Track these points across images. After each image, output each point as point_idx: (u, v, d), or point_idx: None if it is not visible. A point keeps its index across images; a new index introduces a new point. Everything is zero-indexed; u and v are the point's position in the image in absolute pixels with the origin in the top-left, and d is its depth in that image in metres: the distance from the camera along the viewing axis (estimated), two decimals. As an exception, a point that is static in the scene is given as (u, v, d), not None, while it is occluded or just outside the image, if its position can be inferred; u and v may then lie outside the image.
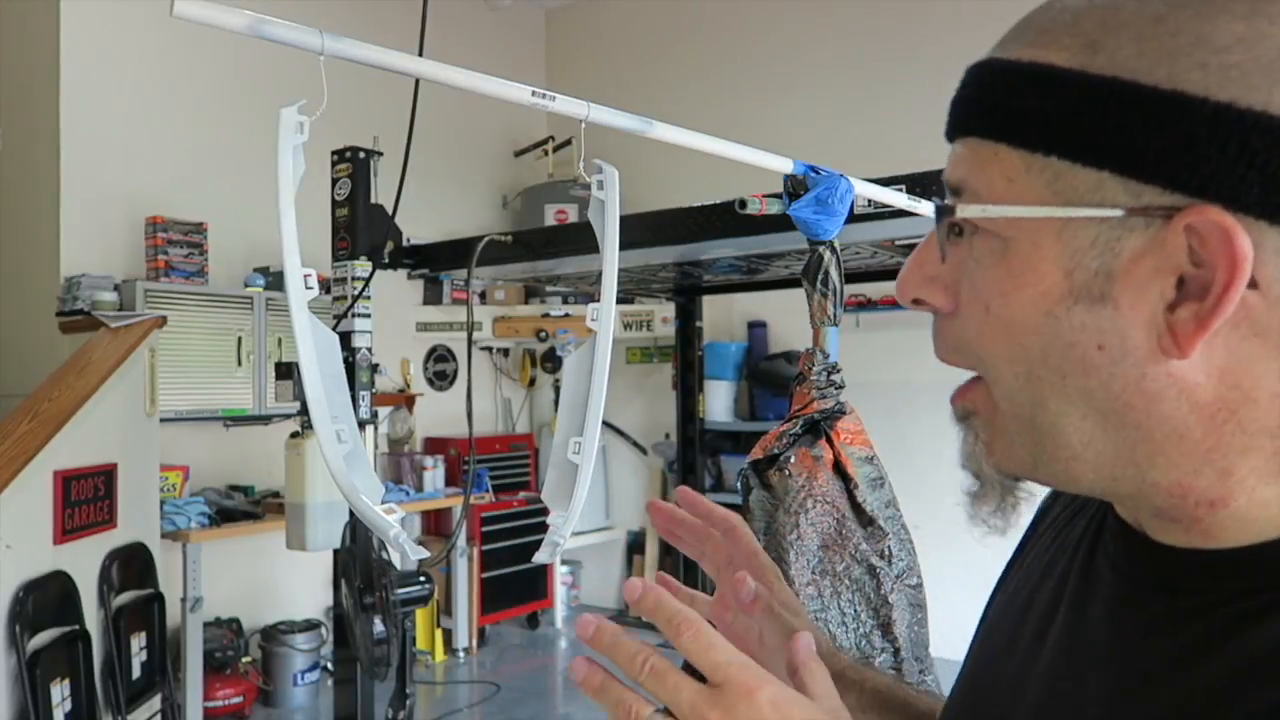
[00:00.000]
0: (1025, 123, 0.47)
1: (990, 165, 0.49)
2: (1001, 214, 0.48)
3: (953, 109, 0.52)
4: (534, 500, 5.66)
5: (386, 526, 1.20)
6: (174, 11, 1.11)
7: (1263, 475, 0.47)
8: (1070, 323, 0.47)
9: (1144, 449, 0.48)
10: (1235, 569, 0.48)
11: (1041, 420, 0.50)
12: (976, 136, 0.50)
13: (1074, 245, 0.46)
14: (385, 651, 2.47)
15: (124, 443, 3.41)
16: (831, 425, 1.84)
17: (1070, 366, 0.48)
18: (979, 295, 0.50)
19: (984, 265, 0.50)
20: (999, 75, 0.49)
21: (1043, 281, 0.47)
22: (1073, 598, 0.57)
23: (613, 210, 1.43)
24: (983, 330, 0.50)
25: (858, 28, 5.41)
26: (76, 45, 4.37)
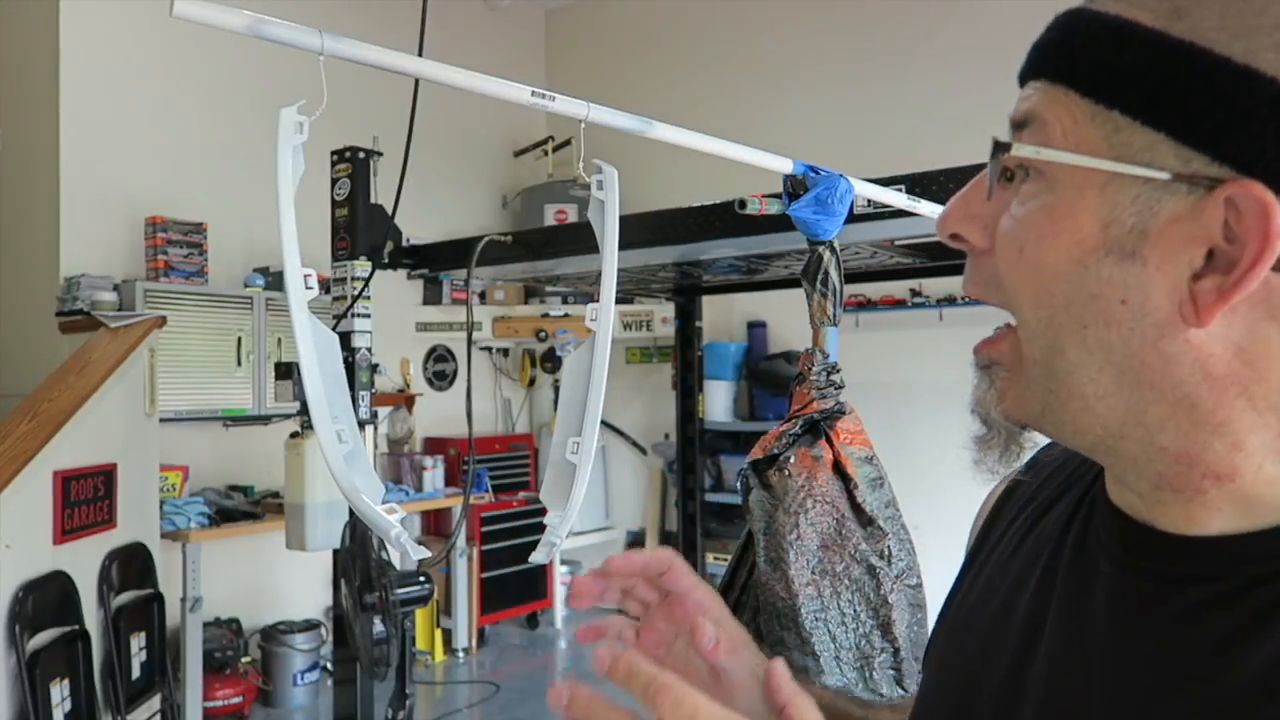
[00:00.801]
0: (1098, 72, 0.48)
1: (1056, 108, 0.49)
2: (1054, 158, 0.49)
3: (1032, 52, 0.52)
4: (534, 500, 5.66)
5: (387, 526, 1.20)
6: (174, 11, 1.11)
7: (1270, 453, 0.48)
8: (1099, 274, 0.48)
9: (1155, 411, 0.48)
10: (1250, 554, 0.48)
11: (1059, 366, 0.50)
12: (1048, 80, 0.50)
13: (1116, 199, 0.47)
14: (385, 651, 2.47)
15: (124, 443, 3.41)
16: (831, 425, 1.84)
17: (1092, 317, 0.48)
18: (1016, 236, 0.50)
19: (1027, 207, 0.50)
20: (1083, 24, 0.50)
21: (1080, 230, 0.48)
22: (1067, 595, 0.56)
23: (612, 210, 1.44)
24: (1013, 271, 0.51)
25: (858, 28, 5.41)
26: (76, 45, 4.37)
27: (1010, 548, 0.65)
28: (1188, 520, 0.50)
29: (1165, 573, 0.51)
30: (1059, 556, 0.59)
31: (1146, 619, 0.51)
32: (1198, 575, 0.49)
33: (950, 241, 0.55)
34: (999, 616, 0.61)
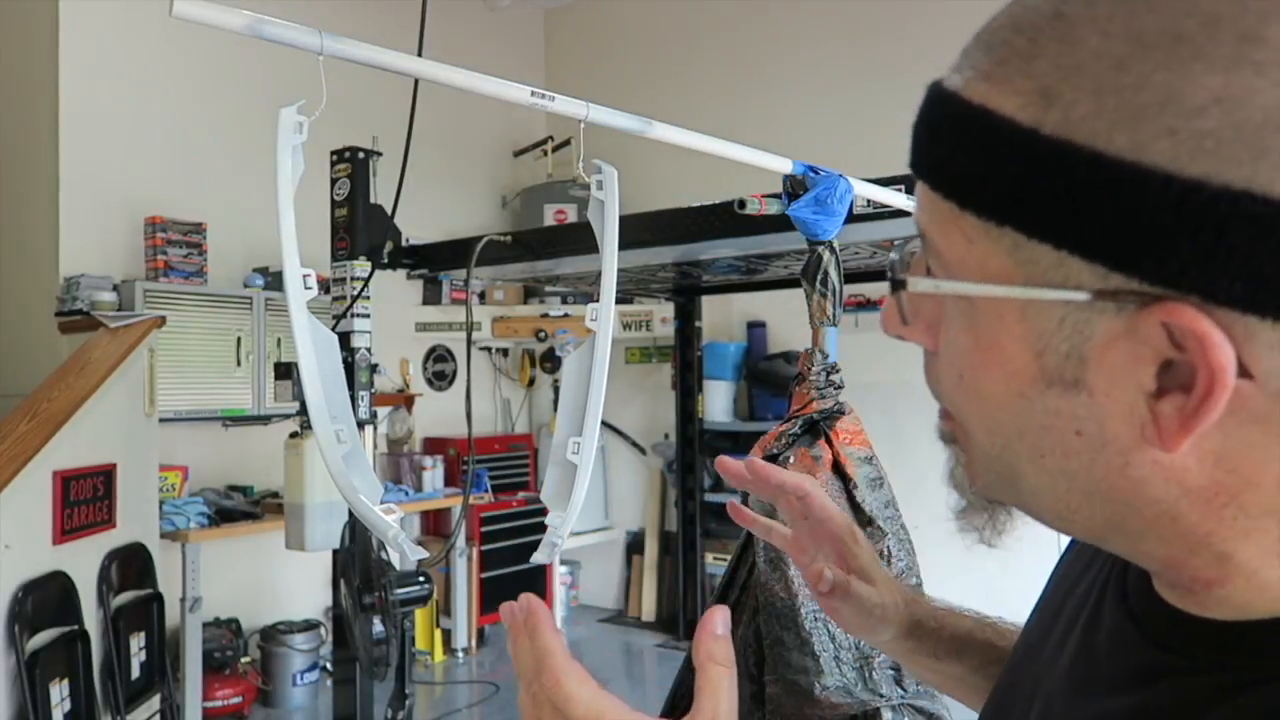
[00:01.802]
0: (976, 185, 0.42)
1: (949, 222, 0.43)
2: (954, 290, 0.44)
3: (913, 139, 0.46)
4: (533, 500, 5.66)
5: (385, 527, 1.20)
6: (173, 11, 1.11)
7: (1270, 557, 0.43)
8: (1044, 405, 0.43)
9: (1134, 523, 0.44)
10: (1219, 641, 0.45)
11: (1022, 486, 0.47)
12: (930, 186, 0.45)
13: (1040, 325, 0.42)
14: (384, 651, 2.47)
15: (123, 443, 3.41)
16: (830, 425, 1.84)
17: (1048, 447, 0.44)
18: (953, 360, 0.46)
19: (955, 326, 0.45)
20: (947, 120, 0.43)
21: (1011, 361, 0.43)
22: (1091, 614, 0.55)
23: (612, 210, 1.44)
24: (957, 397, 0.47)
25: (858, 27, 5.41)
26: (76, 45, 4.36)
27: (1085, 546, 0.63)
28: (1183, 604, 0.47)
29: (1147, 632, 0.49)
30: (1105, 572, 0.57)
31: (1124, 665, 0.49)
32: (1173, 646, 0.47)
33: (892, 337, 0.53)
34: (1054, 616, 0.61)
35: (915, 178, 0.46)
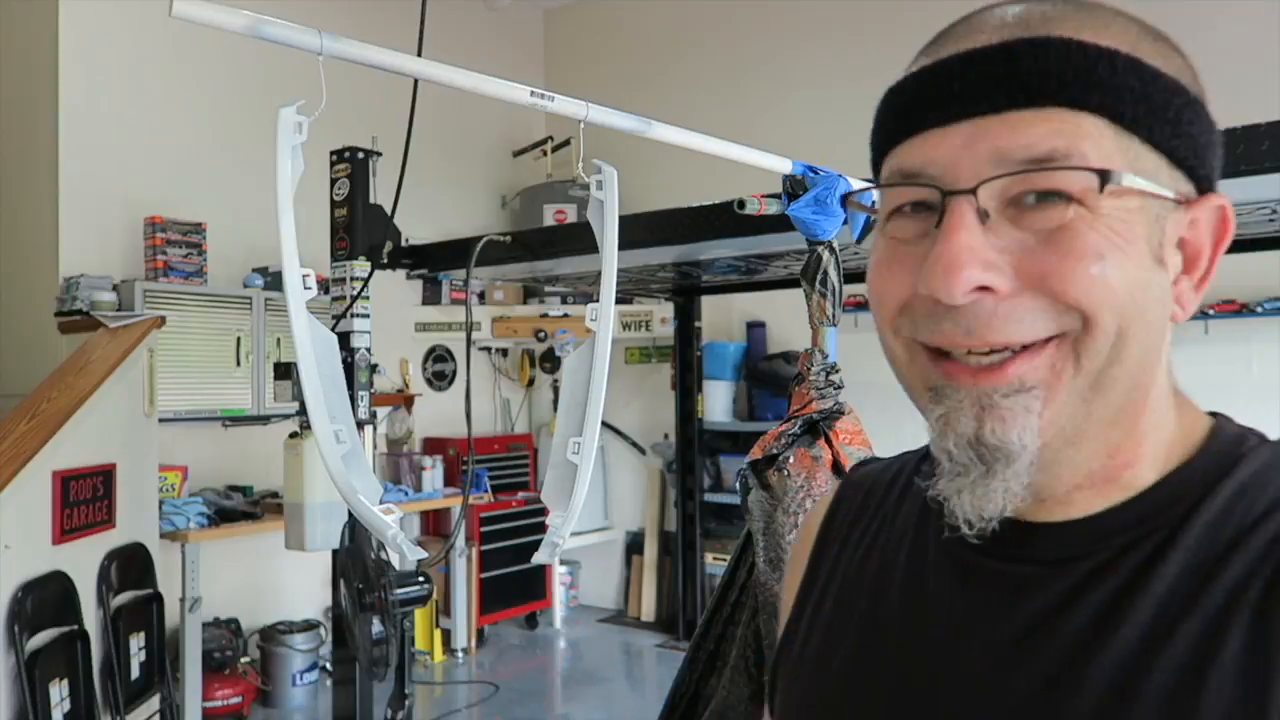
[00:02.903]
0: (1130, 102, 0.51)
1: (1085, 138, 0.51)
2: (1147, 187, 0.52)
3: (1025, 77, 0.51)
4: (533, 500, 5.66)
5: (384, 527, 1.20)
6: (173, 11, 1.11)
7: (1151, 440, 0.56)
8: (1154, 280, 0.52)
9: (1131, 406, 0.54)
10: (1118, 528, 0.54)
11: (1110, 376, 0.52)
12: (1065, 107, 0.51)
13: (1149, 216, 0.52)
14: (384, 652, 2.47)
15: (123, 443, 3.41)
16: (830, 425, 1.84)
17: (1152, 321, 0.53)
18: (1091, 248, 0.50)
19: (1085, 226, 0.51)
20: (1091, 53, 0.51)
21: (1139, 243, 0.52)
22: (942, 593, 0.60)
23: (611, 210, 1.44)
24: (1099, 279, 0.50)
25: (857, 27, 5.41)
26: (75, 46, 4.36)
27: (855, 566, 0.68)
28: (1065, 509, 0.56)
29: (1045, 556, 0.56)
30: (923, 561, 0.62)
31: (1031, 599, 0.55)
32: (1077, 554, 0.55)
33: (968, 298, 0.51)
34: (868, 628, 0.63)
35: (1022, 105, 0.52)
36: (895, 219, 0.56)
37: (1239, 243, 2.89)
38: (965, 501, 0.53)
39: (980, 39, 0.53)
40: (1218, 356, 4.43)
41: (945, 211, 0.51)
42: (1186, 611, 0.50)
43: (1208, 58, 2.75)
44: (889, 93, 0.58)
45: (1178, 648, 0.49)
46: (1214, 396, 2.52)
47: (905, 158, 0.55)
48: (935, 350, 0.54)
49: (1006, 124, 0.51)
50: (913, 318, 0.54)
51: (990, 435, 0.51)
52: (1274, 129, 1.85)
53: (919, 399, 0.56)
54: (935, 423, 0.54)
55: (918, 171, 0.54)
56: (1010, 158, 0.51)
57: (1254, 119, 1.88)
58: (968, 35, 0.55)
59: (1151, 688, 0.49)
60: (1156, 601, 0.51)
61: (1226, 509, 0.53)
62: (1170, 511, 0.54)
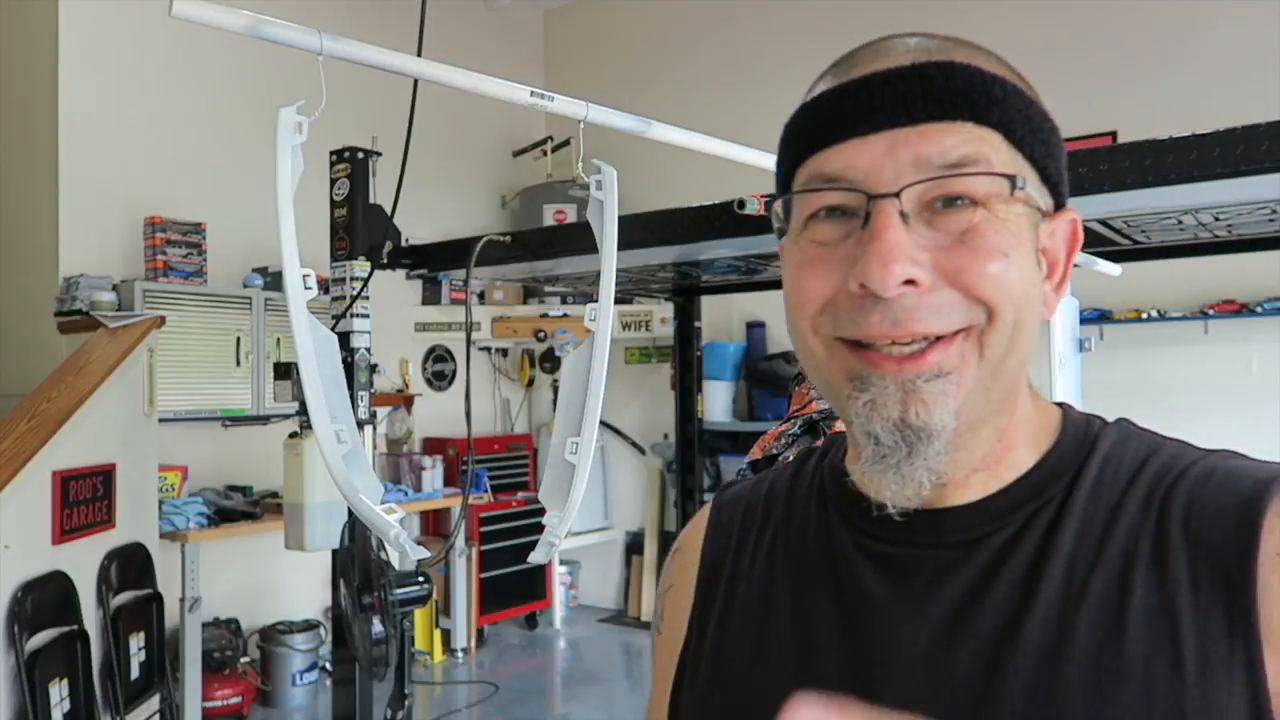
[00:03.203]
0: (1020, 121, 0.59)
1: (989, 148, 0.57)
2: (1036, 201, 0.60)
3: (942, 96, 0.57)
4: (533, 500, 5.66)
5: (386, 526, 1.20)
6: (173, 11, 1.11)
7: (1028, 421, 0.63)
8: (1039, 281, 0.60)
9: (1015, 395, 0.61)
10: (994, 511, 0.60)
11: (1008, 366, 0.58)
12: (973, 122, 0.57)
13: (1031, 223, 0.59)
14: (384, 652, 2.47)
15: (122, 443, 3.41)
16: (830, 425, 1.84)
17: (1034, 316, 0.59)
18: (996, 248, 0.56)
19: (990, 229, 0.57)
20: (985, 77, 0.58)
21: (1028, 246, 0.59)
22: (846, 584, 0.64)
23: (611, 210, 1.44)
24: (1002, 277, 0.56)
25: (856, 28, 5.39)
26: (75, 45, 4.36)
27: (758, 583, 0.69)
28: (962, 493, 0.61)
29: (957, 538, 0.61)
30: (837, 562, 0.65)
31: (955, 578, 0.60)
32: (986, 533, 0.60)
33: (898, 290, 0.55)
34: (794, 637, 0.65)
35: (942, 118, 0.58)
36: (812, 224, 0.60)
37: (1239, 243, 2.89)
38: (891, 482, 0.58)
39: (890, 62, 0.59)
40: (1218, 356, 4.43)
41: (872, 213, 0.56)
42: (1092, 569, 0.56)
43: (1208, 58, 2.79)
44: (805, 107, 0.64)
45: (1094, 602, 0.55)
46: (1214, 396, 2.56)
47: (825, 164, 0.59)
48: (853, 344, 0.58)
49: (923, 134, 0.57)
50: (834, 315, 0.58)
51: (914, 417, 0.56)
52: (1274, 129, 1.85)
53: (839, 390, 0.60)
54: (862, 409, 0.57)
55: (839, 176, 0.58)
56: (929, 163, 0.56)
57: (1254, 119, 1.88)
58: (875, 59, 0.61)
59: (1080, 639, 0.55)
60: (1065, 564, 0.57)
61: (1098, 479, 0.60)
62: (1054, 486, 0.60)
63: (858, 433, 0.58)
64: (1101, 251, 2.98)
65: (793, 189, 0.62)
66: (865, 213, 0.56)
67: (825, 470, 0.70)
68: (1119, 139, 4.49)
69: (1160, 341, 4.59)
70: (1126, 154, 1.98)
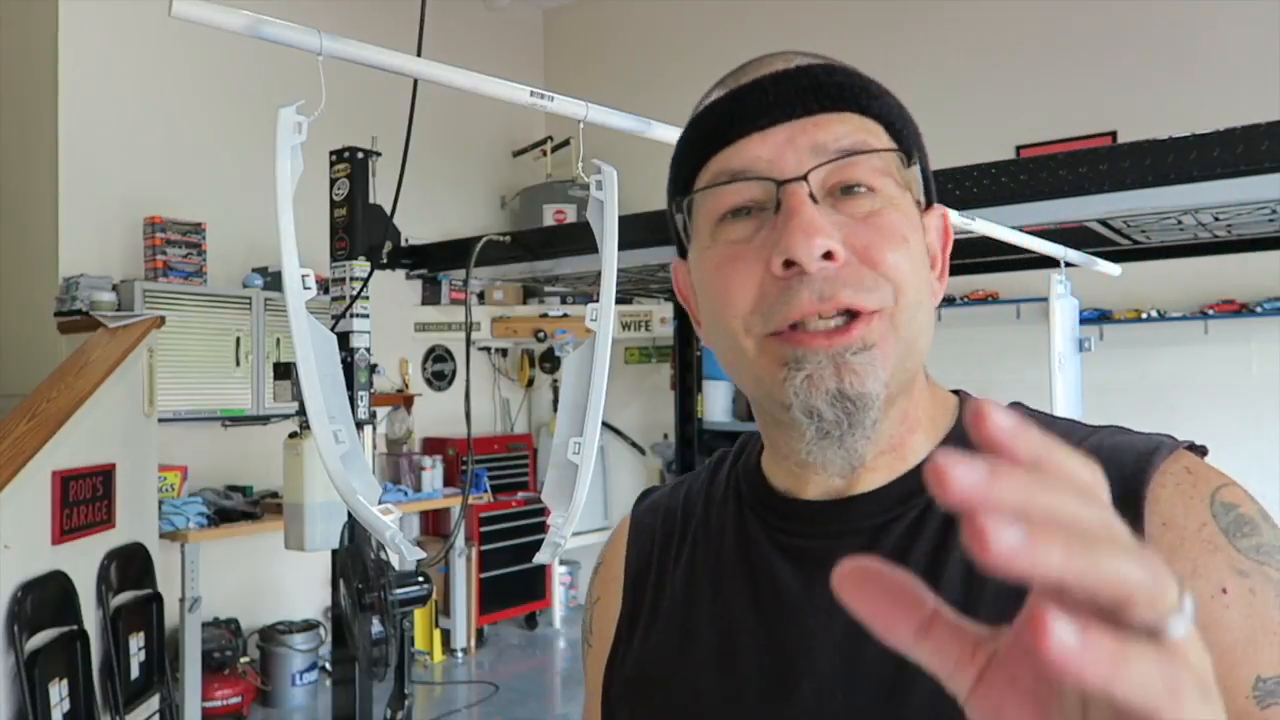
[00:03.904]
0: (894, 115, 0.63)
1: (876, 136, 0.62)
2: (913, 185, 0.63)
3: (828, 88, 0.62)
4: (532, 500, 5.66)
5: (383, 527, 1.20)
6: (172, 11, 1.11)
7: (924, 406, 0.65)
8: (927, 264, 0.63)
9: (916, 378, 0.63)
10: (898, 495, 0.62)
11: (917, 345, 0.61)
12: (858, 113, 0.62)
13: (916, 212, 0.63)
14: (383, 652, 2.47)
15: (122, 443, 3.41)
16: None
17: (928, 299, 0.62)
18: (896, 230, 0.60)
19: (889, 211, 0.60)
20: (864, 79, 0.63)
21: (919, 233, 0.62)
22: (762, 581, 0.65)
23: (611, 210, 1.44)
24: (904, 259, 0.59)
25: (855, 28, 5.41)
26: (75, 45, 4.36)
27: (681, 585, 0.70)
28: (870, 478, 0.63)
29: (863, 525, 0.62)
30: (753, 559, 0.66)
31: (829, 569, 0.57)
32: (891, 516, 0.62)
33: (819, 264, 0.57)
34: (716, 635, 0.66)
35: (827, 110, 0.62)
36: (722, 226, 0.62)
37: (1239, 243, 2.89)
38: (836, 456, 0.60)
39: (777, 67, 0.63)
40: (1218, 356, 4.43)
41: (783, 198, 0.59)
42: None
43: (1208, 58, 2.78)
44: (702, 115, 0.67)
45: (991, 589, 0.55)
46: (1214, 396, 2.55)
47: (729, 161, 0.62)
48: (785, 334, 0.60)
49: (817, 124, 0.60)
50: (764, 311, 0.60)
51: (849, 388, 0.58)
52: (1274, 129, 1.85)
53: (771, 379, 0.60)
54: (800, 385, 0.58)
55: (745, 169, 0.61)
56: (826, 149, 0.60)
57: (1254, 119, 1.88)
58: (761, 67, 0.64)
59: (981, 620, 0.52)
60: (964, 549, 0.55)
61: None
62: None
63: (798, 413, 0.59)
64: (1101, 251, 2.98)
65: (695, 190, 0.65)
66: (776, 200, 0.59)
67: (740, 470, 0.72)
68: (1119, 139, 4.49)
69: (1160, 341, 4.59)
70: (1126, 154, 1.99)
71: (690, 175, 0.66)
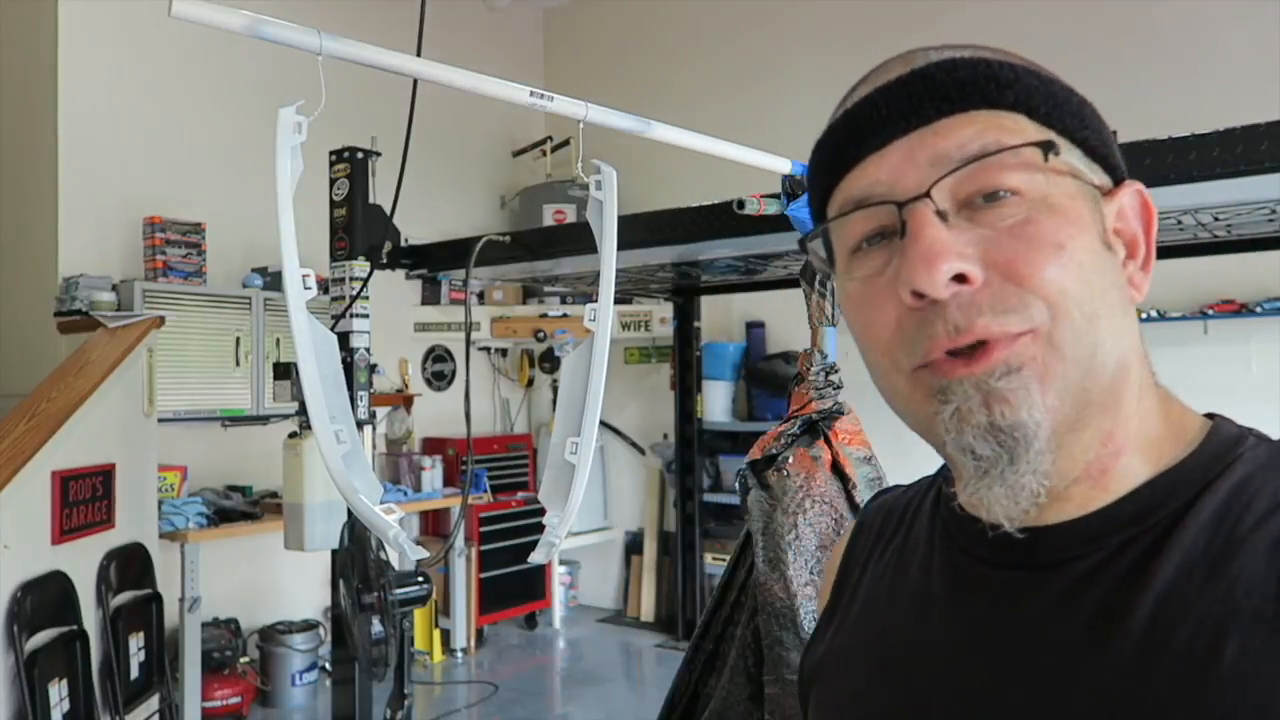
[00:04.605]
0: (1042, 100, 0.56)
1: (1010, 132, 0.55)
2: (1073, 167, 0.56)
3: (948, 88, 0.56)
4: (532, 500, 5.65)
5: (385, 526, 1.20)
6: (172, 11, 1.11)
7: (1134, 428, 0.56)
8: (1108, 263, 0.55)
9: (1115, 393, 0.54)
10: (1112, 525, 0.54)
11: (1097, 362, 0.53)
12: (987, 109, 0.55)
13: (1089, 203, 0.56)
14: (383, 652, 2.47)
15: (122, 443, 3.41)
16: (829, 425, 1.84)
17: (1112, 304, 0.54)
18: (1048, 238, 0.53)
19: (1040, 214, 0.53)
20: (997, 65, 0.57)
21: (1089, 230, 0.54)
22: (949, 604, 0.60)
23: (611, 210, 1.44)
24: (1060, 269, 0.52)
25: (856, 28, 5.41)
26: (75, 45, 4.36)
27: (875, 587, 0.69)
28: (1061, 508, 0.55)
29: (1039, 560, 0.55)
30: (930, 575, 0.63)
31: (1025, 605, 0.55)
32: (1071, 555, 0.54)
33: (948, 288, 0.52)
34: (882, 644, 0.65)
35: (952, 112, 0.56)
36: (856, 259, 0.58)
37: (1238, 243, 2.89)
38: (1000, 495, 0.53)
39: (895, 73, 0.58)
40: (1217, 356, 4.43)
41: (907, 219, 0.53)
42: (1183, 616, 0.49)
43: (1208, 58, 2.79)
44: (818, 144, 0.61)
45: (1175, 653, 0.48)
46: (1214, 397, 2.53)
47: (850, 188, 0.58)
48: (930, 364, 0.54)
49: (937, 132, 0.55)
50: (905, 343, 0.55)
51: (1001, 419, 0.52)
52: (1274, 129, 1.85)
53: (925, 414, 0.55)
54: (950, 422, 0.53)
55: (866, 195, 0.56)
56: (949, 158, 0.54)
57: (1254, 119, 1.88)
58: (878, 78, 0.59)
59: (1149, 694, 0.48)
60: (1152, 604, 0.50)
61: (1223, 510, 0.51)
62: (1163, 510, 0.53)
63: (953, 451, 0.54)
64: (1101, 251, 2.98)
65: (828, 219, 0.60)
66: (901, 222, 0.54)
67: (944, 479, 0.66)
68: (1118, 139, 4.48)
69: (1160, 341, 4.59)
70: (1126, 154, 1.98)
71: (822, 202, 0.61)
